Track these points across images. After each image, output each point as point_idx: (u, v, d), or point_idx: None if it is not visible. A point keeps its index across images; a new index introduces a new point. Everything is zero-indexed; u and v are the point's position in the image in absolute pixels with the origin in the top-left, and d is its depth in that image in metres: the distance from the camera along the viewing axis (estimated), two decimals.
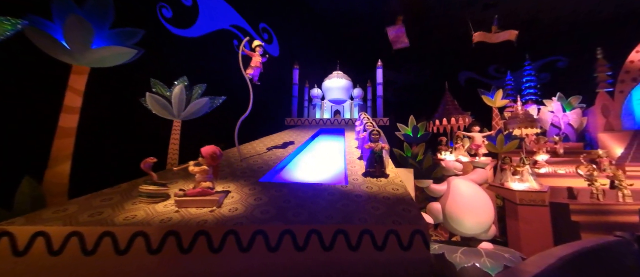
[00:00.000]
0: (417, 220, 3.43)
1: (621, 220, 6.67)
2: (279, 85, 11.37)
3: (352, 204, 3.76)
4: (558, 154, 9.42)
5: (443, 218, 5.63)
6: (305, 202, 3.72)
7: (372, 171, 4.91)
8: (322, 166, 5.98)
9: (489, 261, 4.91)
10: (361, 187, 4.41)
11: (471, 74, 14.82)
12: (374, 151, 4.98)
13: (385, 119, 10.80)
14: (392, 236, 3.25)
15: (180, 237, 2.86)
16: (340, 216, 3.41)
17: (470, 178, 5.80)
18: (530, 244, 6.59)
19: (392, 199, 4.02)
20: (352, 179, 4.78)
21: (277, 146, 6.93)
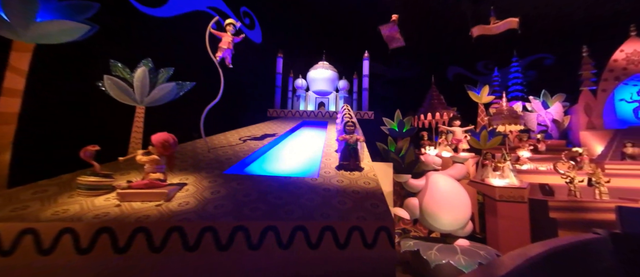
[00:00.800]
0: (383, 216, 3.22)
1: (598, 217, 6.68)
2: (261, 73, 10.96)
3: (317, 199, 3.53)
4: (540, 151, 9.44)
5: (420, 214, 5.49)
6: (267, 196, 3.46)
7: (346, 164, 4.69)
8: (298, 159, 5.72)
9: (464, 258, 4.79)
10: (332, 181, 4.18)
11: (459, 69, 14.74)
12: (348, 143, 4.74)
13: (370, 112, 10.60)
14: (356, 233, 3.04)
15: (114, 235, 2.56)
16: (302, 212, 3.17)
17: (449, 174, 5.66)
18: (508, 240, 6.55)
19: (362, 193, 3.80)
20: (324, 173, 4.54)
21: (255, 138, 6.62)
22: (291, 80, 10.92)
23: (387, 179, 6.23)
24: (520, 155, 9.10)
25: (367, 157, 5.67)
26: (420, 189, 5.67)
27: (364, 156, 5.65)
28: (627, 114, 9.03)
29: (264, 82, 10.93)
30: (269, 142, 6.30)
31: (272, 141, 6.44)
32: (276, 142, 6.67)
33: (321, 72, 10.56)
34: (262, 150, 5.78)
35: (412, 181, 5.72)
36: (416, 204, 5.57)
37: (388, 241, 3.07)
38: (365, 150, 6.17)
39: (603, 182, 7.13)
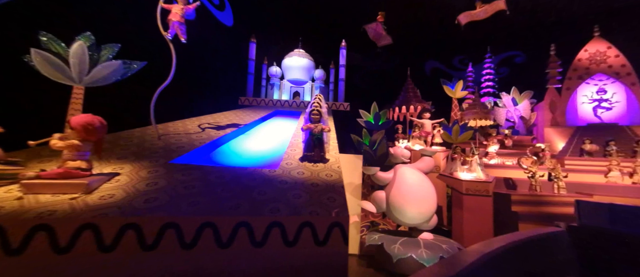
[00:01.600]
0: (339, 211, 2.99)
1: (556, 211, 6.94)
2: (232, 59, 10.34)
3: (271, 192, 3.23)
4: (507, 146, 9.71)
5: (386, 207, 5.37)
6: (213, 189, 3.11)
7: (310, 155, 4.41)
8: (262, 149, 5.37)
9: (426, 252, 4.74)
10: (291, 173, 3.89)
11: (437, 64, 14.87)
12: (313, 133, 4.46)
13: (346, 103, 10.38)
14: (307, 230, 2.78)
15: (4, 234, 2.11)
16: (250, 206, 2.86)
17: (417, 167, 5.56)
18: (472, 233, 6.65)
19: (322, 186, 3.55)
20: (286, 164, 4.24)
21: (218, 126, 6.16)
22: (265, 67, 10.41)
23: (356, 172, 6.05)
24: (489, 150, 9.31)
25: (335, 148, 5.44)
26: (388, 181, 5.54)
27: (330, 147, 5.41)
28: (588, 112, 9.47)
29: (235, 69, 10.33)
30: (233, 131, 5.88)
31: (237, 130, 6.02)
32: (242, 131, 6.26)
33: (297, 60, 10.13)
34: (223, 139, 5.36)
35: (380, 173, 5.58)
36: (383, 197, 5.44)
37: (341, 238, 2.85)
38: (334, 141, 5.94)
39: (561, 177, 7.42)
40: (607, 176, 7.64)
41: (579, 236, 3.52)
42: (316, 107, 4.67)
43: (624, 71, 9.17)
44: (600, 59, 9.49)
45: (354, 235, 5.98)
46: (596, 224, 3.33)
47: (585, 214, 3.53)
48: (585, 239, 3.49)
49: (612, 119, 9.13)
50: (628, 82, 9.09)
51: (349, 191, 6.10)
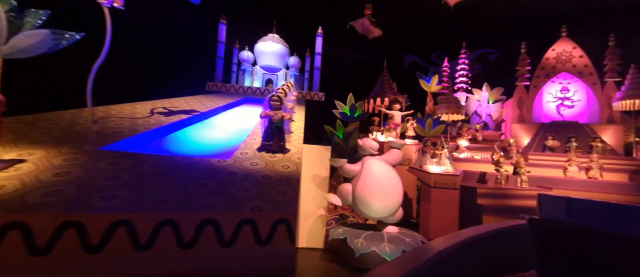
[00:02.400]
0: (286, 207, 2.67)
1: (518, 204, 7.10)
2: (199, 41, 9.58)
3: (212, 185, 2.84)
4: (477, 140, 9.87)
5: (352, 200, 5.15)
6: (140, 181, 2.67)
7: (268, 144, 4.04)
8: (220, 138, 4.92)
9: (389, 246, 4.58)
10: (244, 164, 3.51)
11: (415, 58, 14.84)
12: (273, 120, 4.08)
13: (320, 93, 10.03)
14: (247, 228, 2.44)
15: None
16: (180, 201, 2.47)
17: (384, 159, 5.36)
18: (438, 225, 6.65)
19: (274, 179, 3.21)
20: (240, 154, 3.85)
21: (174, 111, 5.59)
22: (236, 51, 9.76)
23: (324, 164, 5.75)
24: (459, 144, 9.42)
25: (299, 138, 5.10)
26: (355, 174, 5.31)
27: (294, 137, 5.07)
28: (552, 109, 9.80)
29: (202, 51, 9.59)
30: (190, 117, 5.35)
31: (196, 117, 5.50)
32: (201, 118, 5.73)
33: (270, 46, 9.58)
34: (176, 125, 4.83)
35: (347, 165, 5.32)
36: (349, 189, 5.20)
37: (287, 236, 2.53)
38: (300, 131, 5.59)
39: (524, 171, 7.61)
40: (566, 170, 7.96)
41: (538, 229, 3.63)
42: (279, 93, 4.28)
43: (587, 71, 9.53)
44: (565, 59, 9.79)
45: (320, 229, 5.73)
46: (555, 217, 3.24)
47: (545, 207, 3.44)
48: (543, 232, 3.59)
49: (573, 116, 9.51)
50: (589, 82, 9.46)
51: (316, 183, 5.82)
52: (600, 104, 9.23)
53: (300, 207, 5.73)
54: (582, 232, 2.81)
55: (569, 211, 3.13)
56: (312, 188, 5.78)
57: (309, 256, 5.39)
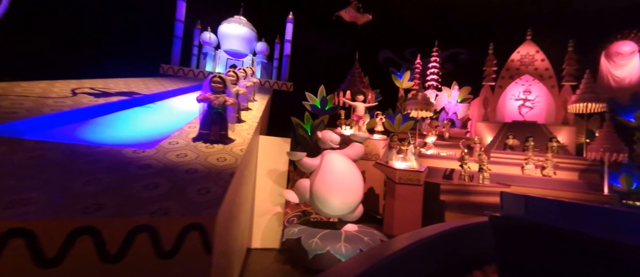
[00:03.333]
0: (203, 208, 2.13)
1: (479, 200, 7.13)
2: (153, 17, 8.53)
3: (108, 181, 2.22)
4: (444, 138, 9.89)
5: (309, 197, 4.72)
6: (4, 174, 1.99)
7: (206, 133, 3.43)
8: (153, 125, 4.21)
9: (345, 246, 4.22)
10: (167, 155, 2.90)
11: (390, 53, 14.70)
12: (213, 106, 3.48)
13: (289, 83, 9.45)
14: (143, 237, 1.88)
15: None
16: (50, 202, 1.84)
17: (345, 153, 4.97)
18: (402, 221, 6.47)
19: (201, 173, 2.65)
20: (168, 143, 3.21)
21: (106, 93, 4.75)
22: (197, 32, 8.84)
23: (282, 157, 5.25)
24: (427, 141, 9.36)
25: (251, 127, 4.53)
26: (314, 168, 4.88)
27: (242, 126, 4.49)
28: (514, 109, 10.06)
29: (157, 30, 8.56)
30: (123, 100, 4.55)
31: (131, 100, 4.70)
32: (140, 102, 4.94)
33: (236, 28, 8.77)
34: (100, 109, 4.05)
35: (306, 159, 4.86)
36: (307, 185, 4.75)
37: (201, 245, 2.00)
38: (254, 120, 5.02)
39: (486, 168, 7.68)
40: (523, 168, 8.17)
41: (498, 225, 3.47)
42: (225, 75, 3.66)
43: (547, 74, 9.86)
44: (528, 62, 10.06)
45: (276, 228, 5.26)
46: (515, 214, 3.27)
47: (506, 205, 3.43)
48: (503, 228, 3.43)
49: (532, 117, 9.82)
50: (548, 85, 9.81)
51: (273, 178, 5.31)
52: (557, 106, 9.60)
53: (255, 205, 5.21)
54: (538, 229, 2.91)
55: (527, 208, 3.15)
56: (269, 184, 5.27)
57: (261, 257, 4.90)
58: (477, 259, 4.41)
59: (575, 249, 2.57)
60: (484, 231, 4.14)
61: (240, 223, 3.76)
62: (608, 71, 10.67)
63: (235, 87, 4.52)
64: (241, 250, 4.23)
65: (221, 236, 2.42)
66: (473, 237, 4.54)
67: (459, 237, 4.37)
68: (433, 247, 3.55)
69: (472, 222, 4.68)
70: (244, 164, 3.58)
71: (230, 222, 2.84)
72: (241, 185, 3.56)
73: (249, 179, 4.53)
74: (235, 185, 3.02)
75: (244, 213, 4.24)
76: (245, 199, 4.13)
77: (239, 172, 3.08)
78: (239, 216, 3.45)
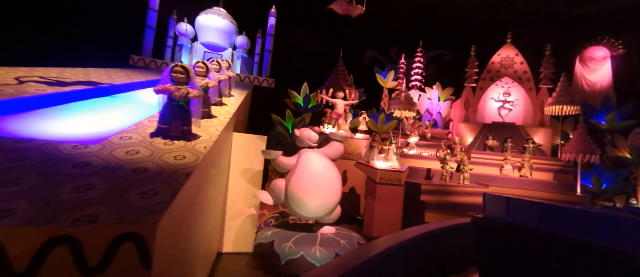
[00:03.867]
0: (143, 214, 1.83)
1: (459, 200, 7.13)
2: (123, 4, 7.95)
3: (32, 180, 1.88)
4: (426, 138, 9.91)
5: (284, 198, 4.46)
6: None
7: (165, 128, 3.10)
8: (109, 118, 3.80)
9: (321, 250, 3.99)
10: (114, 152, 2.55)
11: (375, 53, 14.65)
12: (173, 97, 3.14)
13: (270, 79, 9.12)
14: (61, 250, 1.56)
15: None
16: None
17: (324, 152, 4.75)
18: (382, 222, 6.34)
19: (151, 173, 2.33)
20: (120, 138, 2.86)
21: (60, 82, 4.27)
22: (173, 23, 8.33)
23: (258, 156, 4.95)
24: (410, 141, 9.33)
25: (222, 124, 4.21)
26: (291, 168, 4.62)
27: (212, 122, 4.17)
28: (494, 111, 10.22)
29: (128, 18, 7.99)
30: (75, 90, 4.10)
31: (87, 91, 4.25)
32: (100, 93, 4.49)
33: (215, 20, 8.34)
34: (46, 99, 3.60)
35: (282, 158, 4.59)
36: (282, 186, 4.49)
37: (137, 258, 1.70)
38: (226, 116, 4.70)
39: (467, 168, 7.72)
40: (502, 169, 8.30)
41: (479, 226, 3.49)
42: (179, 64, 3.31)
43: (525, 77, 10.08)
44: (508, 64, 10.25)
45: (250, 230, 4.96)
46: (496, 215, 3.25)
47: (489, 206, 3.43)
48: (484, 229, 3.44)
49: (511, 118, 10.01)
50: (527, 88, 10.03)
51: (247, 178, 5.00)
52: (534, 108, 9.83)
53: (227, 207, 4.89)
54: (519, 231, 2.91)
55: (508, 209, 3.15)
56: (242, 184, 4.96)
57: (232, 262, 4.60)
58: (457, 261, 4.35)
59: (554, 251, 2.57)
60: (464, 233, 4.10)
61: (205, 226, 3.46)
62: (582, 75, 11.07)
63: (205, 79, 4.18)
64: (208, 255, 3.92)
65: (172, 243, 2.13)
66: (453, 239, 4.48)
67: (439, 240, 4.28)
68: (412, 251, 3.45)
69: (452, 224, 4.55)
70: (209, 162, 3.28)
71: (187, 227, 2.54)
72: (206, 185, 3.25)
73: (219, 178, 4.22)
74: (195, 185, 2.72)
75: (212, 215, 3.93)
76: (213, 200, 3.82)
77: (199, 171, 2.78)
78: (202, 218, 3.14)
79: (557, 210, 2.81)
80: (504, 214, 3.21)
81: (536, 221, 2.81)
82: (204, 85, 4.10)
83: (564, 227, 2.58)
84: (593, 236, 2.38)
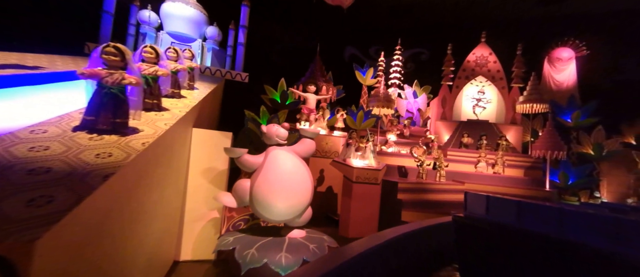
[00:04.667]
0: (19, 229, 1.35)
1: (436, 198, 7.01)
2: None
3: None
4: (405, 136, 9.79)
5: (249, 200, 4.02)
6: None
7: (91, 120, 2.57)
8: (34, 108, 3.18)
9: (287, 256, 3.59)
10: (11, 148, 2.01)
11: (355, 50, 14.43)
12: (104, 84, 2.61)
13: (244, 74, 8.56)
14: None
15: None
16: None
17: (294, 150, 4.35)
18: (358, 222, 6.06)
19: (54, 174, 1.82)
20: (30, 132, 2.30)
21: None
22: (134, 10, 7.56)
23: (222, 154, 4.45)
24: (388, 138, 9.16)
25: (174, 117, 3.69)
26: (257, 167, 4.18)
27: (163, 115, 3.65)
28: (469, 109, 10.29)
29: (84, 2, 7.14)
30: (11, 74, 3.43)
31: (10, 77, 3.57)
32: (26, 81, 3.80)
33: (182, 9, 7.65)
34: None
35: (248, 157, 4.12)
36: (247, 187, 4.03)
37: None
38: (183, 111, 4.17)
39: (443, 166, 7.63)
40: (476, 166, 8.32)
41: (460, 225, 3.53)
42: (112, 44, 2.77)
43: (498, 76, 10.23)
44: (482, 63, 10.36)
45: (212, 236, 4.47)
46: (477, 214, 3.26)
47: (470, 205, 3.45)
48: (464, 228, 3.47)
49: (485, 116, 10.12)
50: (499, 86, 10.18)
51: (209, 178, 4.50)
52: (507, 106, 9.99)
53: (186, 210, 4.36)
54: (498, 229, 2.95)
55: (488, 208, 3.18)
56: (204, 185, 4.45)
57: (191, 270, 4.09)
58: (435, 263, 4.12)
59: (532, 248, 2.60)
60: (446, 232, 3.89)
61: (148, 234, 2.96)
62: (550, 75, 11.46)
63: (154, 66, 3.64)
64: (155, 265, 3.40)
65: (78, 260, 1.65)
66: (429, 240, 4.26)
67: (417, 241, 4.03)
68: (385, 254, 3.29)
69: (438, 222, 4.37)
70: (151, 161, 2.77)
71: (112, 238, 2.06)
72: (146, 187, 2.75)
73: (171, 179, 3.70)
74: (125, 188, 2.23)
75: (160, 221, 3.42)
76: (160, 203, 3.31)
77: (132, 171, 2.29)
78: (137, 227, 2.64)
79: (534, 208, 2.78)
80: (485, 212, 3.19)
81: (515, 218, 2.81)
82: (152, 74, 3.56)
83: (540, 225, 2.61)
84: (568, 233, 2.42)
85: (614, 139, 9.58)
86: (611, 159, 9.38)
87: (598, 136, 9.59)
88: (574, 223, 2.50)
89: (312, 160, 7.85)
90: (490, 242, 3.17)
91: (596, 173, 9.21)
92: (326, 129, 8.19)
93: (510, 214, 2.84)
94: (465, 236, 3.42)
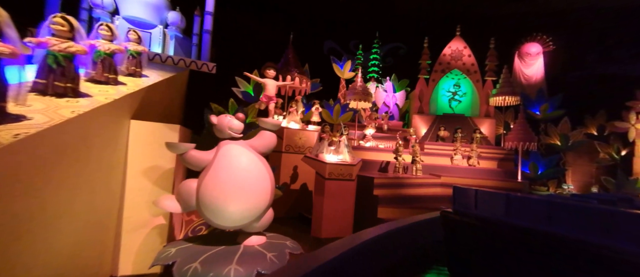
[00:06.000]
0: None
1: (413, 192, 6.59)
2: None
3: None
4: (383, 130, 9.35)
5: (196, 204, 3.31)
6: None
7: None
8: None
9: (237, 269, 2.93)
10: None
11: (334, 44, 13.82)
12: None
13: (211, 64, 7.69)
14: None
15: None
16: None
17: (250, 144, 3.67)
18: (331, 222, 5.49)
19: None
20: None
21: None
22: None
23: (162, 151, 3.66)
24: (366, 133, 8.67)
25: (93, 103, 2.90)
26: (206, 164, 3.47)
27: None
28: (444, 102, 9.99)
29: None
30: None
31: None
32: None
33: None
34: None
35: (194, 153, 3.38)
36: (192, 188, 3.31)
37: None
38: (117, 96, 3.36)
39: (420, 159, 7.23)
40: (452, 159, 8.02)
41: (448, 220, 3.38)
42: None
43: (473, 69, 9.99)
44: (457, 57, 10.07)
45: (157, 245, 3.71)
46: (465, 209, 3.16)
47: (458, 200, 3.33)
48: (452, 223, 3.33)
49: (461, 110, 9.87)
50: (474, 80, 9.95)
51: (152, 179, 3.72)
52: (481, 99, 9.78)
53: (124, 216, 3.59)
54: (486, 223, 2.85)
55: (477, 202, 3.08)
56: (147, 187, 3.67)
57: None
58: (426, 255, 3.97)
59: (518, 242, 2.53)
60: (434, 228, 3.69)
61: (53, 247, 2.20)
62: (520, 69, 11.42)
63: (67, 42, 2.80)
64: None
65: None
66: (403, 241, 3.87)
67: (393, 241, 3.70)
68: (352, 262, 3.01)
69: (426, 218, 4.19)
70: (42, 158, 2.01)
71: None
72: (34, 191, 1.99)
73: (93, 179, 2.92)
74: None
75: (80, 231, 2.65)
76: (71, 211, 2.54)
77: None
78: (18, 245, 1.89)
79: (522, 201, 2.71)
80: (473, 207, 3.08)
81: (503, 213, 2.73)
82: (64, 51, 2.73)
83: (529, 218, 2.51)
84: (555, 226, 2.32)
85: (578, 130, 9.64)
86: (576, 149, 9.42)
87: (564, 128, 9.60)
88: (560, 214, 2.37)
89: (285, 156, 7.18)
90: (480, 237, 2.97)
91: (562, 163, 9.22)
92: (300, 123, 7.54)
93: (499, 208, 2.76)
94: (453, 231, 3.28)
